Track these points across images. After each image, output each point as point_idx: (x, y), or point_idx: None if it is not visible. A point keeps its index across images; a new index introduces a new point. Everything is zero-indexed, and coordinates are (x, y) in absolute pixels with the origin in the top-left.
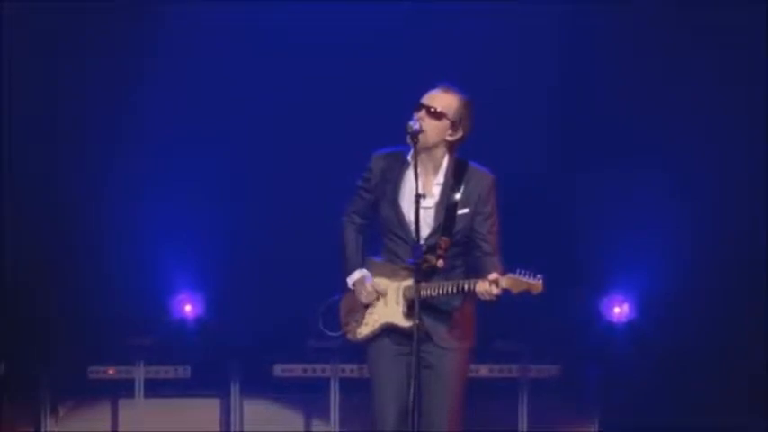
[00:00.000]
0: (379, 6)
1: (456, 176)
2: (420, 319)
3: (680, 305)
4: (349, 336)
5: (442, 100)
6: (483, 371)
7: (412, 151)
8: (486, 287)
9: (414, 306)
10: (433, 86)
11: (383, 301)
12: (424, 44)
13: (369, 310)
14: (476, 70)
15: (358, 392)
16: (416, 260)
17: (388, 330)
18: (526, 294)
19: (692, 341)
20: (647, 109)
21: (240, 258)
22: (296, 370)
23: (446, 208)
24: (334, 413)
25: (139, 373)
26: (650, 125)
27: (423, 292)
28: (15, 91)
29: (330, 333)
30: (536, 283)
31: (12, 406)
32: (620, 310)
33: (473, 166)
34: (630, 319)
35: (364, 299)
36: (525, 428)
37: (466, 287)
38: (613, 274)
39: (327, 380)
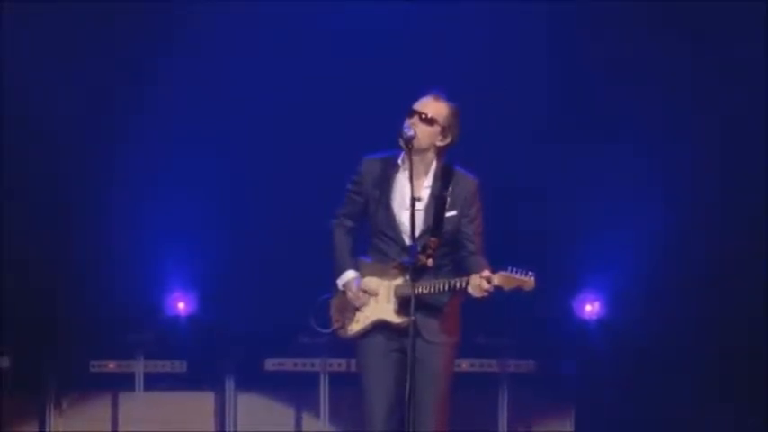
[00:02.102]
0: (380, 8)
1: (443, 180)
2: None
3: (649, 303)
4: (340, 332)
5: (434, 107)
6: (464, 365)
7: (402, 155)
8: (478, 284)
9: (404, 303)
10: (424, 93)
11: (374, 298)
12: (426, 45)
13: (360, 308)
14: (468, 71)
15: (346, 386)
16: (412, 260)
17: (379, 327)
18: (516, 292)
19: (662, 337)
20: (633, 110)
21: (231, 258)
22: (286, 364)
23: (435, 210)
24: (324, 405)
25: (139, 367)
26: (633, 126)
27: (416, 290)
28: (15, 90)
29: (322, 330)
30: (528, 280)
31: (16, 398)
32: (591, 308)
33: (459, 170)
34: (601, 316)
35: (354, 302)
36: (505, 421)
37: (458, 285)
38: (586, 274)
39: (317, 374)
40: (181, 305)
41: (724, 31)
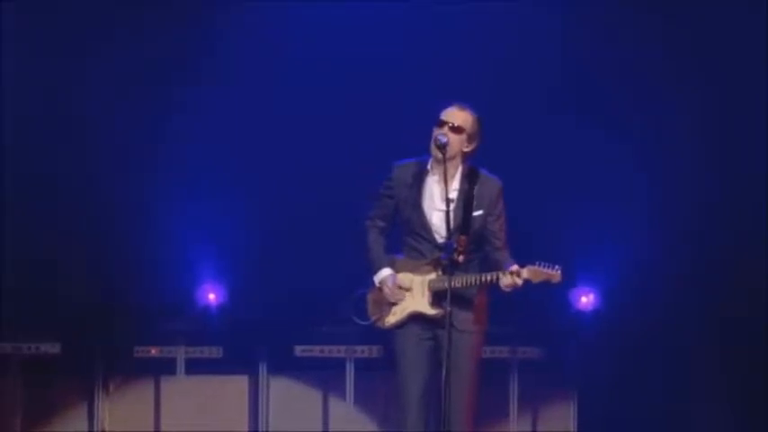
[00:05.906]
0: (383, 10)
1: (470, 182)
2: (444, 306)
3: (643, 296)
4: (378, 324)
5: (460, 116)
6: None
7: (430, 160)
8: (509, 278)
9: (437, 296)
10: (431, 94)
11: (409, 292)
12: (427, 46)
13: (396, 302)
14: (468, 71)
15: (369, 370)
16: (448, 256)
17: (415, 318)
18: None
19: (655, 329)
20: (633, 108)
21: (261, 252)
22: (314, 350)
23: (463, 210)
24: (350, 388)
25: (180, 353)
26: (632, 124)
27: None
28: (58, 90)
29: (361, 322)
30: (555, 274)
31: (67, 381)
32: (586, 300)
33: (483, 172)
34: (596, 308)
35: (390, 297)
36: (515, 402)
37: (489, 279)
38: (582, 267)
39: (343, 359)
40: (211, 296)
41: (725, 32)
